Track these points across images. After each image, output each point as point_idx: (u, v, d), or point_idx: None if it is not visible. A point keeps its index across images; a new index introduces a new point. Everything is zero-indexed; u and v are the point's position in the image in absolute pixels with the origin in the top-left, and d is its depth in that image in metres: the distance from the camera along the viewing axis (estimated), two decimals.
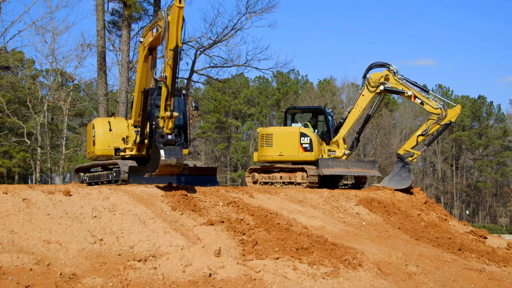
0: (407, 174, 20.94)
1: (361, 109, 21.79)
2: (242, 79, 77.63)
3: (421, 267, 11.94)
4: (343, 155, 21.59)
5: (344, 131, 21.98)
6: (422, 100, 20.76)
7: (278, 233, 12.20)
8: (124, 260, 9.54)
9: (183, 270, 9.09)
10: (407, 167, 21.07)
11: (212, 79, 38.10)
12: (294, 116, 23.95)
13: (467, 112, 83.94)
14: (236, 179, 73.29)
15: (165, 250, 10.26)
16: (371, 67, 21.59)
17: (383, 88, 21.12)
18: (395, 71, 21.02)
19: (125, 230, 10.80)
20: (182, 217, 12.07)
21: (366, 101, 21.66)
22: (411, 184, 21.06)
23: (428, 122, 20.93)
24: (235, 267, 9.40)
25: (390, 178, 21.21)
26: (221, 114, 77.62)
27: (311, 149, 20.88)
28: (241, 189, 16.30)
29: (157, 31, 14.32)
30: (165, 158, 13.52)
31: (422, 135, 21.07)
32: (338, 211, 16.61)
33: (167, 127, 13.91)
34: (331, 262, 10.70)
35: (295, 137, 21.21)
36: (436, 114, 20.60)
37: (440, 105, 20.52)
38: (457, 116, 20.86)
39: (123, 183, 16.10)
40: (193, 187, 14.83)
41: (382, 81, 21.09)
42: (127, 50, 28.07)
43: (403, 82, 20.92)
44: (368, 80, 21.43)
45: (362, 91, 21.70)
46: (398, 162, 21.33)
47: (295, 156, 21.12)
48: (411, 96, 20.89)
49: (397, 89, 21.12)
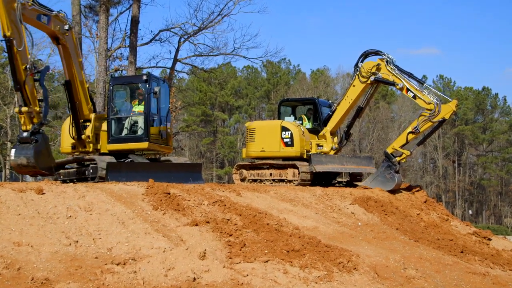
0: (391, 176, 20.62)
1: (351, 101, 21.46)
2: (229, 68, 77.54)
3: (420, 270, 12.01)
4: (331, 150, 21.52)
5: (332, 124, 21.78)
6: (415, 94, 20.30)
7: (267, 234, 12.21)
8: (102, 263, 9.51)
9: (165, 274, 9.09)
10: (394, 168, 20.70)
11: (197, 69, 37.95)
12: (294, 109, 24.06)
13: (470, 105, 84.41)
14: (223, 176, 73.28)
15: (145, 252, 10.24)
16: (365, 55, 21.32)
17: (373, 78, 20.86)
18: (388, 60, 20.71)
19: (102, 231, 10.76)
20: (164, 217, 12.06)
21: (357, 92, 21.38)
22: (394, 187, 20.60)
23: (419, 118, 20.51)
24: (221, 271, 9.41)
25: (373, 178, 21.06)
26: (206, 107, 77.53)
27: (291, 144, 20.88)
28: (228, 187, 16.30)
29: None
30: (14, 157, 13.62)
31: (412, 133, 20.63)
32: (332, 210, 16.66)
33: (24, 123, 13.99)
34: (324, 265, 10.73)
35: (276, 131, 21.28)
36: (428, 110, 20.18)
37: (434, 100, 20.05)
38: (452, 113, 20.31)
39: (100, 180, 16.04)
40: (177, 184, 14.81)
41: (373, 71, 20.83)
42: (105, 37, 27.91)
43: (396, 72, 20.56)
44: (359, 70, 21.13)
45: (353, 81, 21.49)
46: (385, 161, 21.06)
47: (276, 151, 21.21)
48: (403, 89, 20.51)
49: (388, 80, 20.83)
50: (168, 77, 34.32)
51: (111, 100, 18.02)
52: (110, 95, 18.13)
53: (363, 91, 21.43)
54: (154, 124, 17.76)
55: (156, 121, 17.89)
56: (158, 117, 17.96)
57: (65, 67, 16.37)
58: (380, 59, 20.89)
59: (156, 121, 17.89)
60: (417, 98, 20.30)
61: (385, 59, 20.74)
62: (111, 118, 17.88)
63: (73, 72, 16.49)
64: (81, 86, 16.96)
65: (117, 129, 17.98)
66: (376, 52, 21.13)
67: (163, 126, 18.19)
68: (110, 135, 17.83)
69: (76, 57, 16.59)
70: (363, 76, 21.03)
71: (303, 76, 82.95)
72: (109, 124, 17.80)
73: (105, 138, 17.81)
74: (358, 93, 21.37)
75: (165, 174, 16.65)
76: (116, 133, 17.93)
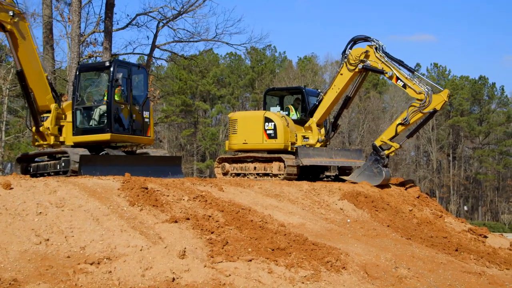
0: (379, 170, 20.46)
1: (338, 90, 21.25)
2: (211, 55, 77.41)
3: (413, 269, 12.08)
4: (317, 143, 21.50)
5: (318, 115, 21.67)
6: (405, 83, 20.05)
7: (251, 231, 12.23)
8: (74, 263, 9.49)
9: (142, 274, 9.07)
10: (382, 162, 20.51)
11: (177, 56, 37.83)
12: (282, 99, 24.06)
13: (466, 95, 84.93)
14: (204, 170, 73.21)
15: (121, 251, 10.22)
16: (354, 42, 21.04)
17: (362, 66, 20.63)
18: (377, 47, 20.47)
19: (75, 228, 10.72)
20: (141, 214, 12.04)
21: (344, 80, 21.14)
22: (382, 182, 20.42)
23: (409, 109, 20.26)
24: (202, 270, 9.41)
25: (360, 172, 20.94)
26: (187, 96, 77.34)
27: (275, 136, 20.89)
28: (210, 182, 16.29)
29: None
30: None
31: (402, 125, 20.39)
32: (319, 206, 16.71)
33: None
34: (312, 264, 10.77)
35: (259, 122, 21.30)
36: (419, 100, 19.93)
37: (425, 90, 19.80)
38: (443, 104, 20.01)
39: (73, 174, 15.98)
40: (155, 179, 14.79)
41: (362, 58, 20.59)
42: (77, 21, 27.69)
43: (385, 60, 20.30)
44: (347, 57, 20.91)
45: (341, 69, 21.29)
46: (373, 154, 20.86)
47: (259, 144, 21.24)
48: (393, 77, 20.23)
49: (376, 68, 20.61)
50: (146, 64, 34.17)
51: (76, 89, 17.92)
52: (75, 83, 18.04)
53: (351, 79, 21.24)
54: (122, 114, 17.60)
55: (126, 110, 17.72)
56: (129, 106, 17.88)
57: (16, 55, 16.36)
58: (369, 45, 20.67)
59: (126, 110, 17.72)
60: (407, 88, 20.12)
61: (374, 45, 20.54)
62: (76, 108, 17.80)
63: (26, 61, 16.46)
64: (37, 75, 16.92)
65: (82, 120, 17.91)
66: (366, 38, 20.89)
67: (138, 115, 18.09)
68: (75, 126, 17.76)
69: (28, 45, 16.53)
70: (351, 63, 20.83)
71: (289, 64, 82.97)
72: (73, 114, 17.76)
73: (70, 129, 17.76)
74: (346, 82, 21.17)
75: (142, 168, 16.62)
76: (81, 124, 17.87)
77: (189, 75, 75.27)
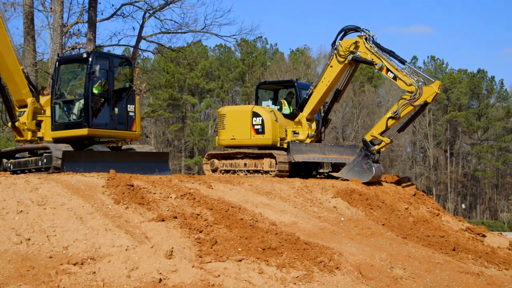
0: (368, 166, 20.26)
1: (328, 83, 21.12)
2: (200, 47, 77.23)
3: (408, 270, 12.12)
4: (307, 138, 21.45)
5: (308, 110, 21.61)
6: (395, 74, 19.88)
7: (241, 230, 12.24)
8: (57, 263, 9.46)
9: (127, 275, 9.06)
10: (372, 157, 20.31)
11: (164, 48, 37.75)
12: (276, 93, 24.06)
13: (464, 89, 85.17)
14: (192, 166, 73.22)
15: (106, 251, 10.20)
16: (344, 32, 20.98)
17: (351, 57, 20.49)
18: (367, 37, 20.34)
19: (57, 227, 10.70)
20: (127, 212, 12.02)
21: (334, 73, 21.02)
22: (371, 178, 20.18)
23: (400, 102, 20.06)
24: (190, 271, 9.41)
25: (350, 168, 20.76)
26: (174, 90, 77.24)
27: (262, 131, 20.93)
28: (198, 179, 16.30)
29: None
30: None
31: (392, 118, 20.16)
32: (312, 204, 16.73)
33: None
34: (304, 264, 10.79)
35: (247, 117, 21.36)
36: (409, 93, 19.73)
37: (415, 81, 19.60)
38: (434, 96, 19.82)
39: (55, 171, 15.93)
40: (141, 176, 14.77)
41: (352, 49, 20.47)
42: (60, 10, 27.61)
43: (375, 50, 20.17)
44: (337, 48, 20.81)
45: (331, 61, 21.16)
46: (363, 149, 20.68)
47: (246, 139, 21.31)
48: (383, 68, 20.10)
49: (366, 60, 20.45)
50: (132, 56, 34.11)
51: (55, 82, 17.85)
52: (54, 76, 17.96)
53: (341, 72, 21.15)
54: (103, 107, 17.52)
55: (107, 104, 17.64)
56: (111, 99, 17.76)
57: None
58: (359, 36, 20.57)
59: (107, 104, 17.64)
60: (397, 79, 19.94)
61: (364, 36, 20.42)
62: (55, 102, 17.73)
63: None
64: (12, 69, 16.87)
65: (61, 115, 17.84)
66: (356, 29, 20.82)
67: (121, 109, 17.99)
68: (53, 121, 17.70)
69: (1, 36, 16.44)
70: (340, 55, 20.72)
71: (281, 56, 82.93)
72: (52, 109, 17.68)
73: (49, 124, 17.70)
74: (336, 74, 21.07)
75: (128, 164, 16.59)
76: (60, 118, 17.82)
77: (176, 67, 75.16)
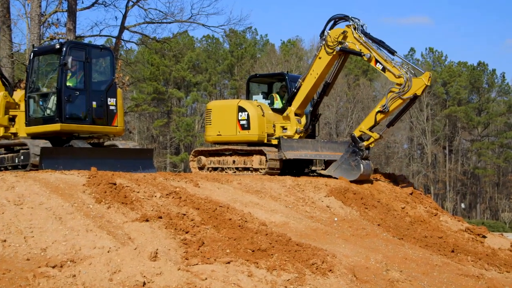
0: (356, 163, 20.10)
1: (317, 76, 21.00)
2: (186, 38, 77.18)
3: (405, 272, 12.16)
4: (295, 134, 21.41)
5: (296, 104, 21.53)
6: (384, 66, 19.70)
7: (229, 231, 12.24)
8: (34, 266, 9.43)
9: (110, 278, 9.05)
10: (360, 154, 20.12)
11: (148, 38, 37.72)
12: (270, 86, 24.04)
13: (464, 83, 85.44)
14: (178, 164, 73.15)
15: (87, 253, 10.19)
16: (334, 22, 20.84)
17: (339, 48, 20.34)
18: (355, 26, 20.16)
19: (35, 228, 10.67)
20: (109, 212, 12.01)
21: (323, 65, 20.90)
22: (359, 176, 20.06)
23: (388, 95, 19.90)
24: (175, 274, 9.40)
25: (337, 166, 20.65)
26: (159, 83, 77.18)
27: (248, 126, 20.95)
28: (184, 176, 16.29)
29: None
30: None
31: (381, 112, 20.02)
32: (304, 203, 16.76)
33: None
34: (295, 266, 10.80)
35: (233, 112, 21.37)
36: (398, 85, 19.54)
37: (405, 73, 19.34)
38: (425, 88, 19.57)
39: (33, 168, 15.90)
40: (124, 173, 14.75)
41: (340, 40, 20.32)
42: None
43: (363, 40, 19.99)
44: (326, 39, 20.69)
45: (319, 52, 21.08)
46: (351, 145, 20.50)
47: (232, 135, 21.33)
48: (371, 60, 19.95)
49: (354, 50, 20.30)
50: (114, 48, 34.02)
51: (30, 74, 17.78)
52: (28, 68, 17.89)
53: (330, 63, 21.01)
54: (79, 101, 17.44)
55: (83, 98, 17.55)
56: (88, 92, 17.67)
57: None
58: (348, 25, 20.43)
59: (83, 98, 17.55)
60: (386, 71, 19.79)
61: (353, 25, 20.27)
62: (29, 96, 17.67)
63: None
64: None
65: (36, 109, 17.78)
66: (344, 17, 20.66)
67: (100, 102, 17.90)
68: (28, 116, 17.64)
69: None
70: (329, 46, 20.63)
71: (271, 48, 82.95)
72: (26, 103, 17.62)
73: (23, 119, 17.66)
74: (325, 66, 20.94)
75: (110, 162, 16.57)
76: (34, 113, 17.76)
77: (161, 59, 75.02)
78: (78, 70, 17.59)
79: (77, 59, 17.39)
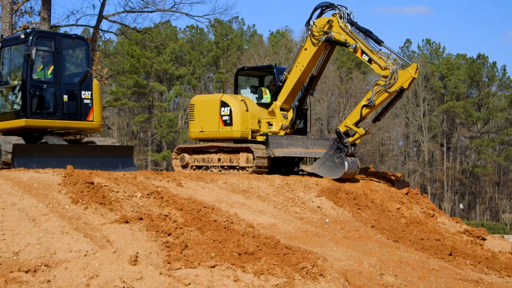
0: (340, 160, 19.93)
1: (302, 68, 20.88)
2: (169, 28, 77.15)
3: (400, 277, 12.20)
4: (280, 130, 21.37)
5: (282, 98, 21.43)
6: (370, 57, 19.46)
7: (214, 233, 12.25)
8: (6, 271, 9.40)
9: (87, 284, 9.04)
10: (345, 151, 19.96)
11: (128, 28, 37.64)
12: (262, 79, 23.99)
13: (462, 76, 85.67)
14: (160, 162, 73.15)
15: (62, 256, 10.16)
16: (321, 10, 20.63)
17: (324, 39, 20.14)
18: (342, 15, 19.92)
19: (7, 230, 10.63)
20: (86, 213, 11.98)
21: (309, 56, 20.77)
22: (343, 175, 19.89)
23: (374, 88, 19.70)
24: (157, 279, 9.40)
25: (321, 163, 20.52)
26: (140, 76, 77.01)
27: (230, 122, 20.98)
28: (166, 175, 16.28)
29: None
30: None
31: (367, 106, 19.82)
32: (293, 204, 16.77)
33: None
34: (284, 271, 10.81)
35: (215, 107, 21.42)
36: (384, 77, 19.32)
37: (391, 65, 19.09)
38: (412, 81, 19.26)
39: (5, 167, 15.86)
40: (102, 172, 14.72)
41: (326, 30, 20.14)
42: None
43: (349, 30, 19.75)
44: (311, 29, 20.53)
45: (305, 43, 20.93)
46: (336, 141, 20.39)
47: (215, 132, 21.39)
48: (357, 50, 19.63)
49: (339, 41, 20.00)
50: (92, 38, 33.94)
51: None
52: None
53: (316, 55, 20.86)
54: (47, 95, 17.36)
55: (51, 91, 17.44)
56: (57, 85, 17.54)
57: None
58: (333, 14, 20.25)
59: (51, 91, 17.44)
60: (372, 63, 19.56)
61: (339, 14, 20.05)
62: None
63: None
64: None
65: (3, 103, 17.76)
66: (330, 5, 20.46)
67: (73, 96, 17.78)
68: None
69: None
70: (314, 36, 20.47)
71: (259, 39, 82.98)
72: None
73: None
74: (311, 58, 20.82)
75: (87, 159, 16.53)
76: (2, 108, 17.77)
77: (142, 51, 74.80)
78: (48, 61, 17.46)
79: (45, 49, 17.25)
